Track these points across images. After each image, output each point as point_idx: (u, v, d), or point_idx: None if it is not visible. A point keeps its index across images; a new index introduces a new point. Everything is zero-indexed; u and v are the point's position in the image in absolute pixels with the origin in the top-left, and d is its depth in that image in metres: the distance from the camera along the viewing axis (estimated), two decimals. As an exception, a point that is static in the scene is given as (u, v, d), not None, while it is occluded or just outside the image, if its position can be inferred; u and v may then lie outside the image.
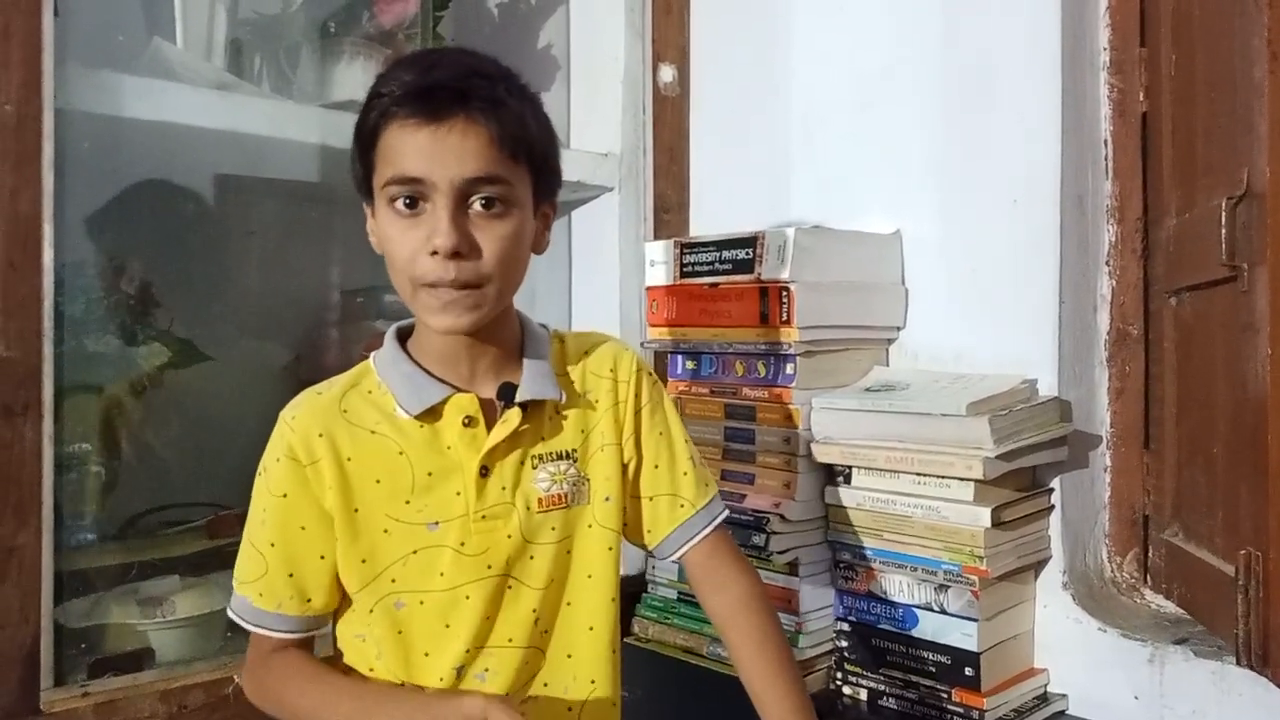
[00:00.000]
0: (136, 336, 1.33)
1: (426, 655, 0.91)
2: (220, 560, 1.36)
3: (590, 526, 0.97)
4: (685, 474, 1.02)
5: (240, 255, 1.51)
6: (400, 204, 0.86)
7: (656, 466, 1.01)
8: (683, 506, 1.01)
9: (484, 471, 0.91)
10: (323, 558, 0.91)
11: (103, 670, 1.18)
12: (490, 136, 0.85)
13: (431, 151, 0.84)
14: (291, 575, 0.91)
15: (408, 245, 0.86)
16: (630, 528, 1.03)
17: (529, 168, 0.89)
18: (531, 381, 0.94)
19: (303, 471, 0.90)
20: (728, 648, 1.01)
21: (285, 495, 0.90)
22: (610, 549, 0.98)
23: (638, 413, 1.01)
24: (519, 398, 0.93)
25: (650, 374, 1.04)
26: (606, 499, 0.98)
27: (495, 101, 0.86)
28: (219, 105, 1.31)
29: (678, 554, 1.02)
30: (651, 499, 1.02)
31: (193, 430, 1.40)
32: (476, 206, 0.86)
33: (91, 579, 1.26)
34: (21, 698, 1.08)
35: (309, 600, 0.92)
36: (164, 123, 1.24)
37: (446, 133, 0.84)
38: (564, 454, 0.96)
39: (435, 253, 0.84)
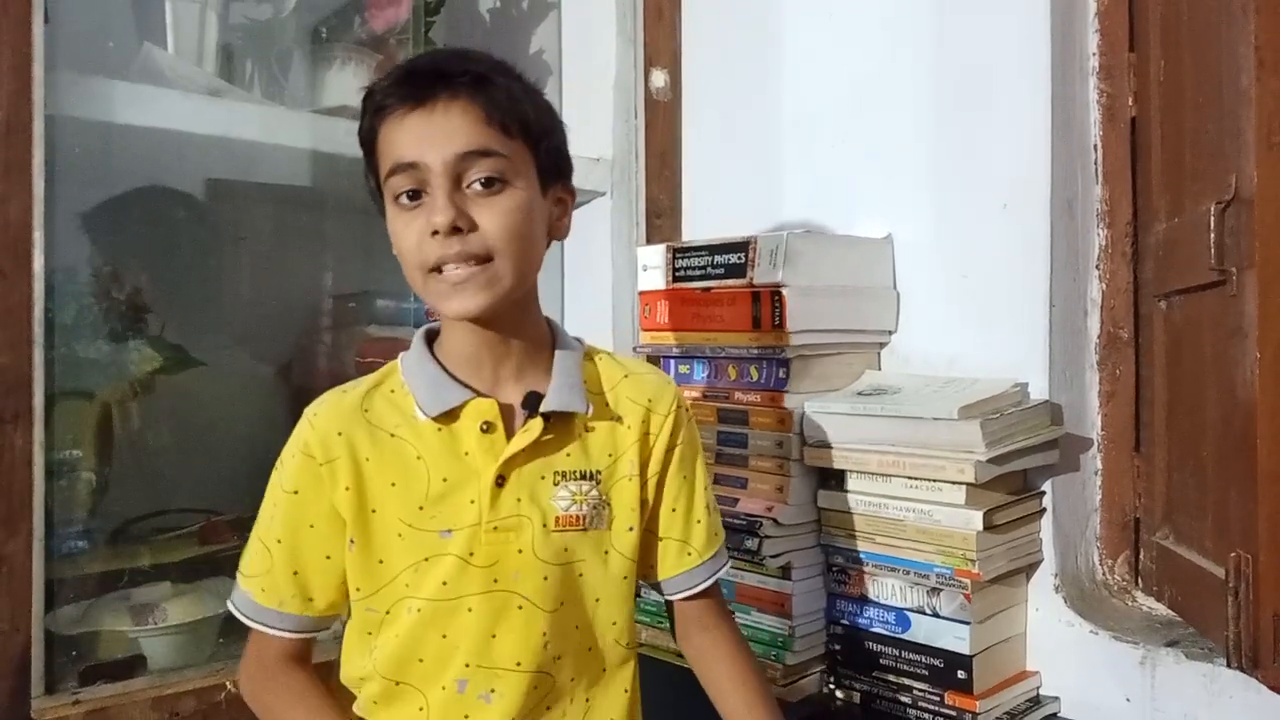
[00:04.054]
0: (128, 342, 1.33)
1: (421, 661, 0.90)
2: (212, 567, 1.36)
3: (607, 553, 0.94)
4: (699, 522, 1.00)
5: (232, 261, 1.51)
6: (404, 198, 0.86)
7: (674, 510, 0.99)
8: (689, 555, 1.00)
9: (500, 481, 0.89)
10: (328, 558, 0.90)
11: (94, 678, 1.18)
12: (479, 112, 0.85)
13: (420, 133, 0.84)
14: (296, 573, 0.90)
15: (411, 235, 0.86)
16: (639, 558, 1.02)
17: (527, 144, 0.88)
18: (559, 392, 0.91)
19: (317, 469, 0.89)
20: (707, 681, 1.01)
21: (296, 492, 0.89)
22: (625, 578, 0.95)
23: (669, 450, 0.97)
24: (544, 407, 0.90)
25: (690, 416, 1.01)
26: (630, 529, 0.95)
27: (480, 78, 0.86)
28: (210, 111, 1.31)
29: (672, 596, 1.02)
30: (662, 540, 1.00)
31: (184, 436, 1.39)
32: (475, 186, 0.85)
33: (82, 586, 1.26)
34: (12, 706, 1.08)
35: (311, 600, 0.90)
36: (155, 128, 1.25)
37: (431, 112, 0.84)
38: (589, 474, 0.93)
39: (436, 232, 0.84)
